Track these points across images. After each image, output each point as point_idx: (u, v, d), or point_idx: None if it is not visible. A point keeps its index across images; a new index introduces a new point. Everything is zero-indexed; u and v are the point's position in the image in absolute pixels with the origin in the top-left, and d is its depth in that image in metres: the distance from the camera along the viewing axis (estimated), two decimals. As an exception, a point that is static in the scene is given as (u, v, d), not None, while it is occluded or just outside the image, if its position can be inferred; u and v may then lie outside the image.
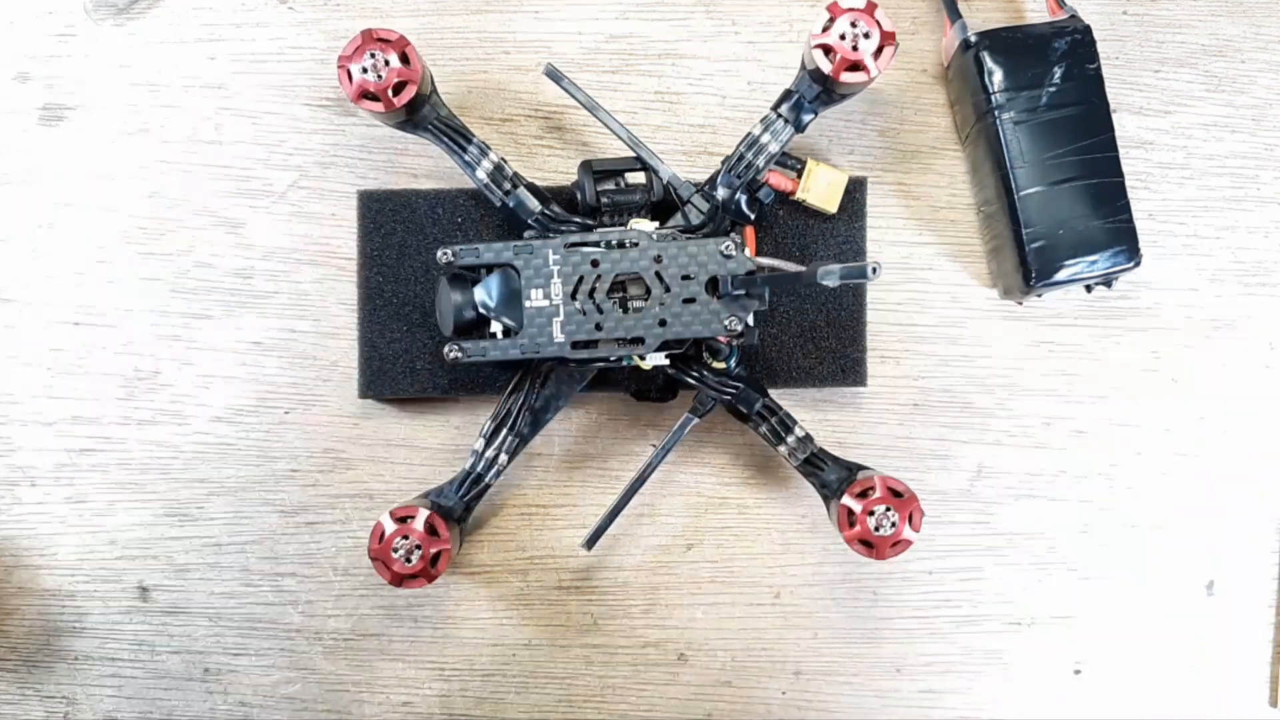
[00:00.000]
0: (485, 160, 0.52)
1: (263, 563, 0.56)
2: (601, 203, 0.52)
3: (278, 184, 0.56)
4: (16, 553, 0.56)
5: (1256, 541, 0.58)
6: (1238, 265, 0.57)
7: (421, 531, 0.50)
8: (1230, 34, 0.57)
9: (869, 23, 0.49)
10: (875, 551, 0.50)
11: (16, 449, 0.56)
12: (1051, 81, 0.53)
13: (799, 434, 0.52)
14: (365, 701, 0.57)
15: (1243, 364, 0.58)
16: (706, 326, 0.49)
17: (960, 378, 0.57)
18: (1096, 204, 0.53)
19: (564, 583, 0.57)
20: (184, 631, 0.56)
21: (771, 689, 0.57)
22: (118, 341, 0.56)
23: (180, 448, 0.56)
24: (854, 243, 0.56)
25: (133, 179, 0.56)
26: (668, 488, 0.57)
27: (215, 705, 0.56)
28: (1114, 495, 0.58)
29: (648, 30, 0.57)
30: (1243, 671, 0.58)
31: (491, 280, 0.49)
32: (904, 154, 0.57)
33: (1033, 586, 0.57)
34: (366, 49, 0.49)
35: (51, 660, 0.56)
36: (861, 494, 0.50)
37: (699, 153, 0.57)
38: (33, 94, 0.56)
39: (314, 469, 0.56)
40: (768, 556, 0.57)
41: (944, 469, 0.57)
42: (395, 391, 0.55)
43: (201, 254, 0.56)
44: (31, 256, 0.56)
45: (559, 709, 0.57)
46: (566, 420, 0.57)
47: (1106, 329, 0.57)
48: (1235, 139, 0.57)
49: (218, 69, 0.56)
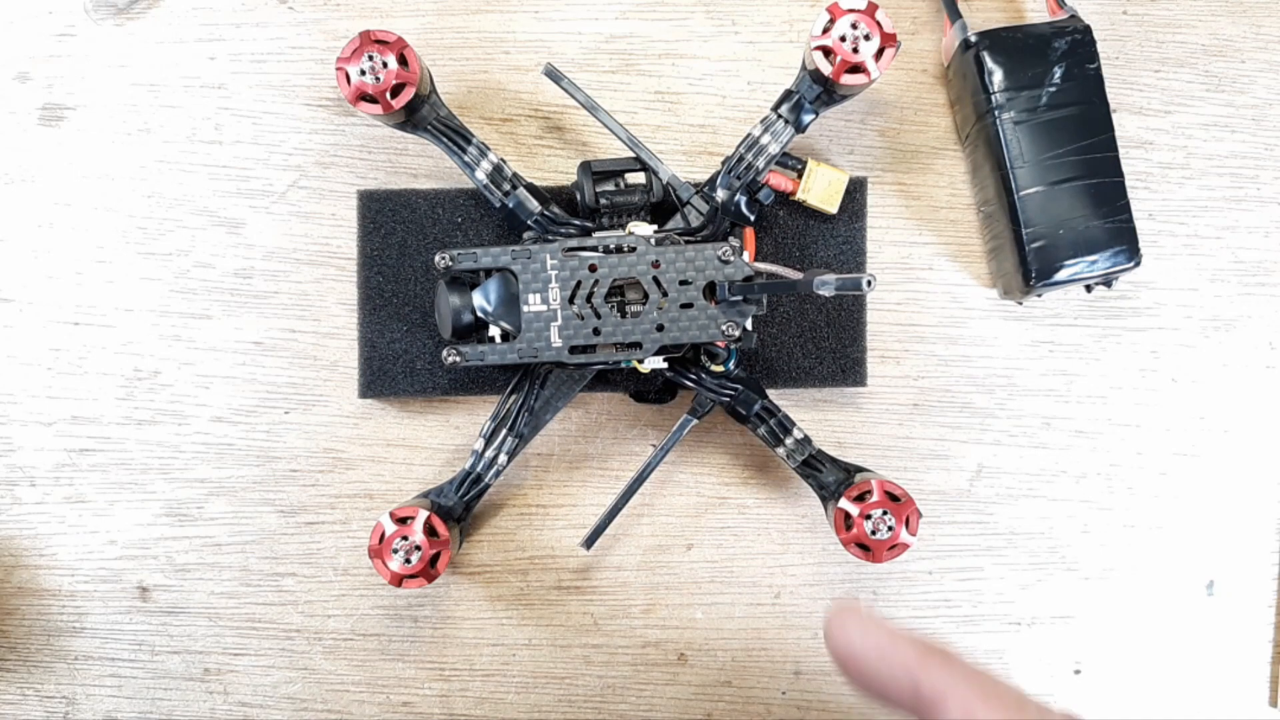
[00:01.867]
0: (485, 161, 0.51)
1: (263, 563, 0.56)
2: (601, 204, 0.51)
3: (278, 184, 0.56)
4: (16, 553, 0.56)
5: (1256, 541, 0.58)
6: (1238, 265, 0.57)
7: (421, 532, 0.50)
8: (1230, 34, 0.57)
9: (869, 24, 0.49)
10: (872, 555, 0.50)
11: (16, 449, 0.56)
12: (1051, 81, 0.53)
13: (797, 435, 0.53)
14: (365, 701, 0.57)
15: (1243, 364, 0.58)
16: (704, 332, 0.49)
17: (960, 378, 0.57)
18: (1096, 204, 0.53)
19: (564, 583, 0.57)
20: (184, 631, 0.56)
21: (771, 689, 0.57)
22: (118, 341, 0.56)
23: (180, 448, 0.56)
24: (854, 243, 0.56)
25: (132, 179, 0.56)
26: (667, 488, 0.57)
27: (215, 705, 0.57)
28: (1114, 495, 0.58)
29: (648, 30, 0.57)
30: (1243, 671, 0.58)
31: (490, 284, 0.49)
32: (904, 154, 0.57)
33: (1033, 586, 0.57)
34: (364, 51, 0.49)
35: (51, 660, 0.56)
36: (859, 498, 0.50)
37: (699, 153, 0.57)
38: (32, 94, 0.56)
39: (314, 469, 0.56)
40: (768, 556, 0.57)
41: (944, 469, 0.57)
42: (395, 391, 0.55)
43: (201, 254, 0.56)
44: (31, 256, 0.56)
45: (559, 709, 0.57)
46: (566, 420, 0.57)
47: (1106, 329, 0.57)
48: (1235, 139, 0.57)
49: (218, 69, 0.56)
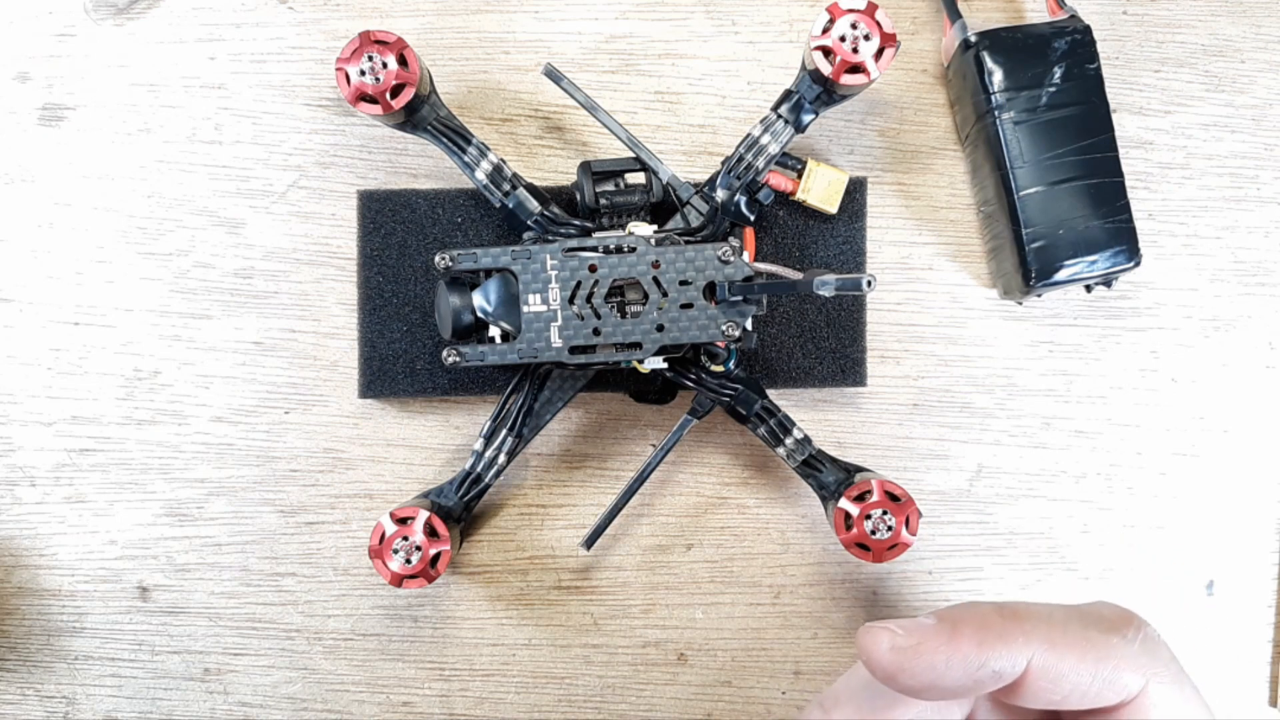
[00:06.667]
0: (485, 161, 0.51)
1: (263, 563, 0.56)
2: (601, 204, 0.51)
3: (278, 184, 0.56)
4: (16, 553, 0.56)
5: (1256, 541, 0.58)
6: (1238, 265, 0.57)
7: (421, 532, 0.50)
8: (1230, 34, 0.57)
9: (869, 24, 0.49)
10: (872, 555, 0.50)
11: (16, 449, 0.56)
12: (1051, 81, 0.53)
13: (797, 435, 0.53)
14: (365, 701, 0.57)
15: (1243, 364, 0.58)
16: (704, 332, 0.49)
17: (960, 378, 0.57)
18: (1096, 204, 0.53)
19: (564, 583, 0.57)
20: (184, 631, 0.57)
21: (771, 689, 0.57)
22: (118, 341, 0.56)
23: (180, 448, 0.56)
24: (854, 243, 0.56)
25: (132, 179, 0.56)
26: (667, 488, 0.57)
27: (215, 705, 0.57)
28: (1114, 495, 0.58)
29: (648, 30, 0.57)
30: (1243, 671, 0.58)
31: (490, 284, 0.49)
32: (904, 154, 0.57)
33: (1032, 586, 0.57)
34: (364, 51, 0.49)
35: (51, 660, 0.56)
36: (859, 497, 0.50)
37: (699, 153, 0.57)
38: (32, 94, 0.56)
39: (314, 469, 0.56)
40: (768, 556, 0.57)
41: (943, 469, 0.57)
42: (395, 391, 0.55)
43: (201, 254, 0.56)
44: (31, 256, 0.56)
45: (559, 709, 0.57)
46: (566, 420, 0.57)
47: (1106, 329, 0.57)
48: (1235, 139, 0.57)
49: (218, 69, 0.56)
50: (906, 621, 0.34)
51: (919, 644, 0.33)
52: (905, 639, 0.33)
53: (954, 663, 0.32)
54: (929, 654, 0.33)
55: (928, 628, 0.33)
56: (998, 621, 0.33)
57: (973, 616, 0.34)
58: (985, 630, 0.33)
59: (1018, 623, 0.33)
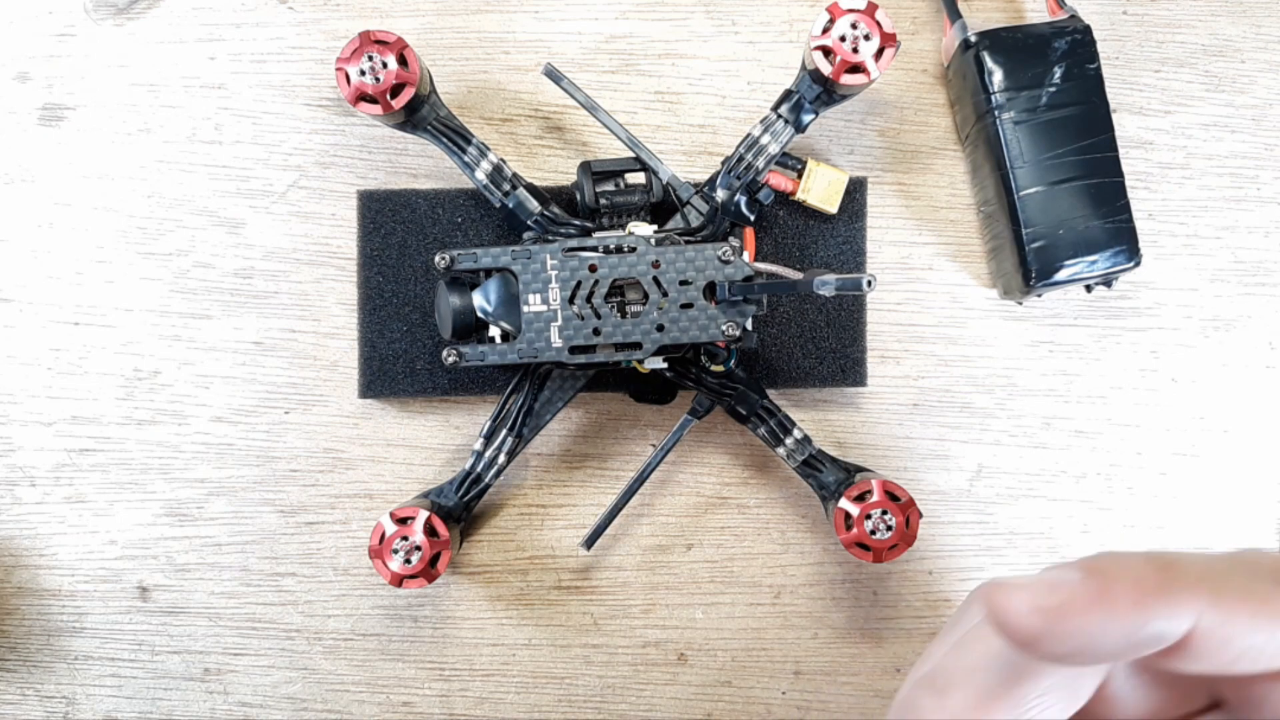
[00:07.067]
0: (485, 161, 0.51)
1: (263, 563, 0.56)
2: (601, 204, 0.51)
3: (278, 184, 0.56)
4: (16, 553, 0.56)
5: (1256, 541, 0.57)
6: (1238, 265, 0.57)
7: (421, 532, 0.50)
8: (1230, 34, 0.57)
9: (869, 24, 0.49)
10: (872, 555, 0.50)
11: (16, 449, 0.56)
12: (1051, 81, 0.53)
13: (797, 435, 0.53)
14: (365, 701, 0.57)
15: (1243, 364, 0.58)
16: (704, 332, 0.49)
17: (960, 378, 0.57)
18: (1096, 204, 0.53)
19: (564, 583, 0.57)
20: (184, 631, 0.57)
21: (771, 689, 0.57)
22: (117, 341, 0.56)
23: (180, 448, 0.56)
24: (854, 243, 0.56)
25: (132, 179, 0.56)
26: (667, 488, 0.57)
27: (215, 705, 0.57)
28: (1114, 495, 0.58)
29: (648, 30, 0.57)
30: (1242, 671, 0.58)
31: (490, 284, 0.49)
32: (904, 154, 0.57)
33: (1032, 586, 0.57)
34: (364, 51, 0.49)
35: (51, 660, 0.56)
36: (859, 497, 0.50)
37: (699, 153, 0.57)
38: (32, 94, 0.56)
39: (314, 469, 0.56)
40: (768, 556, 0.57)
41: (944, 469, 0.57)
42: (395, 391, 0.55)
43: (201, 254, 0.56)
44: (31, 256, 0.56)
45: (559, 709, 0.57)
46: (566, 420, 0.57)
47: (1106, 329, 0.57)
48: (1235, 139, 0.57)
49: (218, 69, 0.56)
50: (1039, 578, 0.29)
51: (1065, 602, 0.28)
52: (1049, 597, 0.28)
53: (1109, 625, 0.28)
54: (1079, 615, 0.27)
55: (1073, 585, 0.28)
56: (1153, 574, 0.28)
57: (1124, 569, 0.28)
58: (1141, 586, 0.28)
59: (1176, 575, 0.28)
